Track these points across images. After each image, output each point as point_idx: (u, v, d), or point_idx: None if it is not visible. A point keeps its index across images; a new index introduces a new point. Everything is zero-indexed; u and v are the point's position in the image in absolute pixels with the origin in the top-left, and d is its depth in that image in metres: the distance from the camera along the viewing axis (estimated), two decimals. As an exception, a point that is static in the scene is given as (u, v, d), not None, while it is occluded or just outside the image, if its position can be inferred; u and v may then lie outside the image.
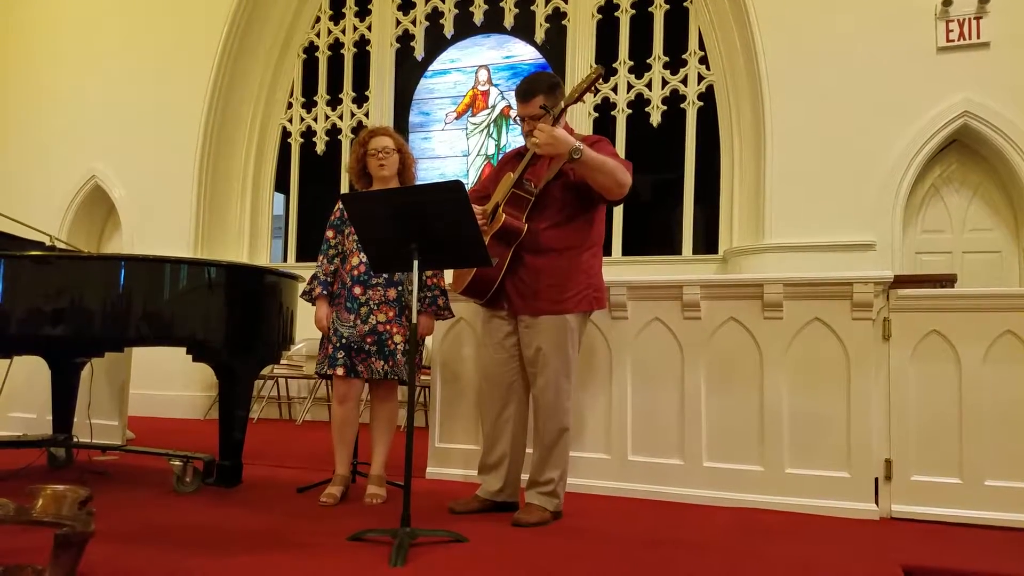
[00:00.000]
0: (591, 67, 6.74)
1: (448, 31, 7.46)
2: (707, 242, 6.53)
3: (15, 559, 2.07)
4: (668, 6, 6.69)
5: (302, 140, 7.85)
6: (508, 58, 7.36)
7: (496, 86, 7.37)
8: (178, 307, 3.43)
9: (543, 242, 3.06)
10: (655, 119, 6.65)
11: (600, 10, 6.90)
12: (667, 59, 6.67)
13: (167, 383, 6.82)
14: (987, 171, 5.63)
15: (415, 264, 2.70)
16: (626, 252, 6.72)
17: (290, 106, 7.87)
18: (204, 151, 7.43)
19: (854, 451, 3.33)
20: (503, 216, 3.03)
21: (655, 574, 2.36)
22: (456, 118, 7.48)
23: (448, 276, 3.45)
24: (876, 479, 3.34)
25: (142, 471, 4.04)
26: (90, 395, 4.28)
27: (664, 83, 6.66)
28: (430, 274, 3.43)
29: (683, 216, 6.56)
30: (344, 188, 7.28)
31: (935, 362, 3.33)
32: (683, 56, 6.62)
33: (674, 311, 3.64)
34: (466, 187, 2.68)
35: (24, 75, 8.21)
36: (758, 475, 3.46)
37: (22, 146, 8.11)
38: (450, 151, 7.49)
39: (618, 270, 5.97)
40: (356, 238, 3.31)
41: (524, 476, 3.24)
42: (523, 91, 3.12)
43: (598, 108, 6.83)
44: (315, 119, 7.80)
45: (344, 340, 3.33)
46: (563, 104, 3.07)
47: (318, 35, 7.81)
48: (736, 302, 3.55)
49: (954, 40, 5.48)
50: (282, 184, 7.94)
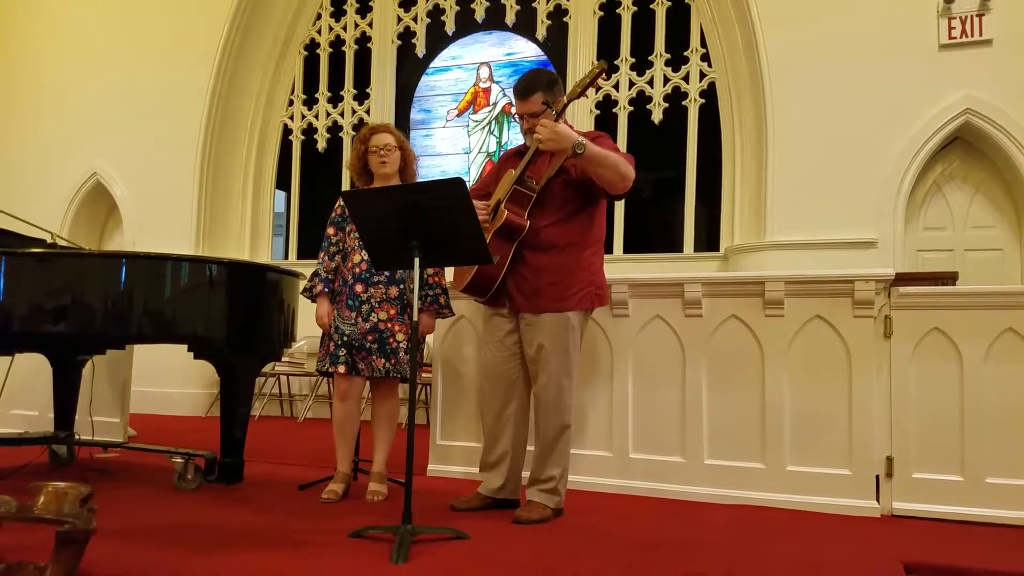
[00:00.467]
0: (593, 63, 6.74)
1: (449, 28, 7.45)
2: (708, 240, 6.52)
3: (17, 556, 2.07)
4: (670, 3, 6.68)
5: (303, 137, 7.84)
6: (509, 55, 7.35)
7: (497, 83, 7.37)
8: (179, 304, 3.44)
9: (545, 239, 3.06)
10: (657, 116, 6.64)
11: (602, 7, 6.88)
12: (669, 56, 6.66)
13: (168, 380, 6.82)
14: (989, 168, 5.62)
15: (416, 262, 2.70)
16: (627, 249, 6.72)
17: (291, 103, 7.87)
18: (205, 148, 7.43)
19: (855, 448, 3.33)
20: (505, 213, 3.03)
21: (656, 572, 2.36)
22: (457, 115, 7.48)
23: (448, 274, 3.45)
24: (877, 476, 3.34)
25: (143, 468, 4.04)
26: (91, 392, 4.29)
27: (666, 80, 6.65)
28: (431, 272, 3.43)
29: (684, 213, 6.55)
30: (345, 185, 7.27)
31: (936, 360, 3.33)
32: (685, 53, 6.61)
33: (675, 309, 3.64)
34: (467, 185, 2.68)
35: (25, 73, 8.22)
36: (759, 472, 3.46)
37: (24, 144, 8.12)
38: (451, 148, 7.48)
39: (619, 267, 5.96)
40: (357, 235, 3.31)
41: (525, 474, 3.24)
42: (521, 88, 3.12)
43: (600, 105, 6.82)
44: (316, 116, 7.79)
45: (345, 338, 3.33)
46: (566, 100, 3.07)
47: (319, 32, 7.80)
48: (737, 300, 3.55)
49: (956, 37, 5.47)
50: (283, 181, 7.93)
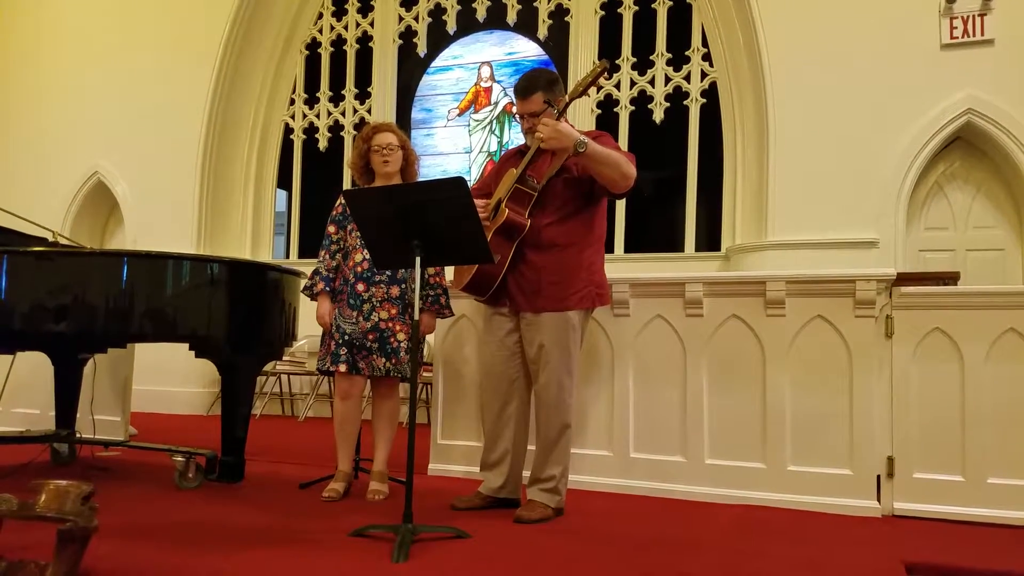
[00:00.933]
0: (595, 62, 6.74)
1: (451, 27, 7.45)
2: (710, 239, 6.52)
3: (19, 554, 2.07)
4: (671, 2, 6.68)
5: (304, 136, 7.84)
6: (511, 55, 7.35)
7: (499, 83, 7.37)
8: (180, 303, 3.44)
9: (545, 238, 3.06)
10: (658, 116, 6.64)
11: (603, 6, 6.88)
12: (670, 56, 6.66)
13: (169, 379, 6.83)
14: (991, 168, 5.62)
15: (417, 261, 2.70)
16: (628, 249, 6.72)
17: (292, 102, 7.87)
18: (207, 147, 7.43)
19: (856, 448, 3.33)
20: (506, 212, 3.03)
21: (657, 571, 2.36)
22: (459, 115, 7.48)
23: (448, 273, 3.45)
24: (878, 476, 3.34)
25: (145, 467, 4.05)
26: (93, 391, 4.29)
27: (667, 80, 6.65)
28: (432, 272, 3.43)
29: (686, 213, 6.55)
30: (346, 184, 7.27)
31: (938, 360, 3.32)
32: (686, 53, 6.61)
33: (676, 308, 3.64)
34: (468, 184, 2.68)
35: (27, 72, 8.22)
36: (760, 472, 3.46)
37: (25, 143, 8.12)
38: (452, 148, 7.48)
39: (621, 267, 5.97)
40: (359, 234, 3.31)
41: (526, 473, 3.24)
42: (522, 88, 3.12)
43: (601, 105, 6.82)
44: (317, 115, 7.79)
45: (347, 337, 3.33)
46: (567, 99, 3.06)
47: (320, 31, 7.80)
48: (739, 299, 3.55)
49: (958, 37, 5.47)
50: (284, 180, 7.94)
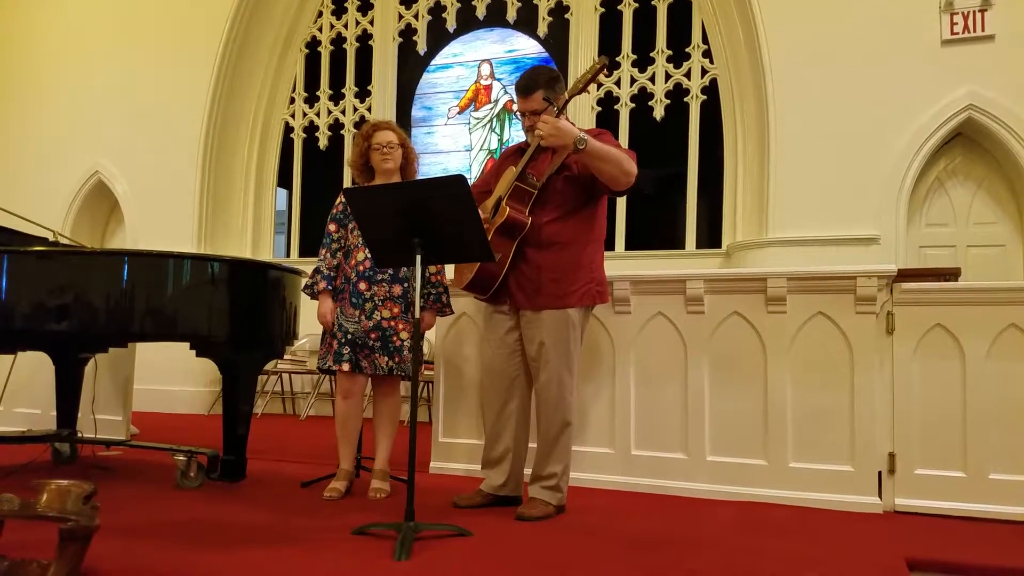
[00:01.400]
0: (594, 59, 6.72)
1: (450, 25, 7.45)
2: (710, 236, 6.52)
3: (21, 554, 2.08)
4: (671, -1, 6.68)
5: (305, 135, 7.84)
6: (511, 52, 7.34)
7: (499, 80, 7.36)
8: (181, 302, 3.43)
9: (546, 236, 3.06)
10: (658, 113, 6.63)
11: (603, 3, 6.88)
12: (670, 53, 6.65)
13: (170, 378, 6.83)
14: (991, 165, 5.61)
15: (418, 259, 2.69)
16: (629, 246, 6.72)
17: (292, 101, 7.87)
18: (207, 146, 7.43)
19: (858, 445, 3.32)
20: (507, 210, 3.02)
21: (659, 568, 2.36)
22: (459, 113, 7.47)
23: (449, 271, 3.45)
24: (880, 473, 3.34)
25: (146, 466, 4.05)
26: (94, 390, 4.30)
27: (667, 77, 6.64)
28: (433, 271, 3.43)
29: (686, 210, 6.55)
30: (347, 183, 7.27)
31: (939, 356, 3.32)
32: (686, 50, 6.61)
33: (677, 305, 3.64)
34: (468, 181, 2.67)
35: (27, 71, 8.22)
36: (762, 469, 3.46)
37: (25, 142, 8.12)
38: (453, 146, 7.48)
39: (621, 264, 5.96)
40: (359, 233, 3.30)
41: (527, 471, 3.25)
42: (523, 85, 3.11)
43: (601, 102, 6.82)
44: (317, 114, 7.79)
45: (349, 336, 3.33)
46: (567, 96, 3.06)
47: (320, 30, 7.80)
48: (740, 296, 3.55)
49: (959, 33, 5.45)
50: (285, 179, 7.94)
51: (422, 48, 7.56)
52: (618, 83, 6.77)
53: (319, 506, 3.14)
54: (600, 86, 6.68)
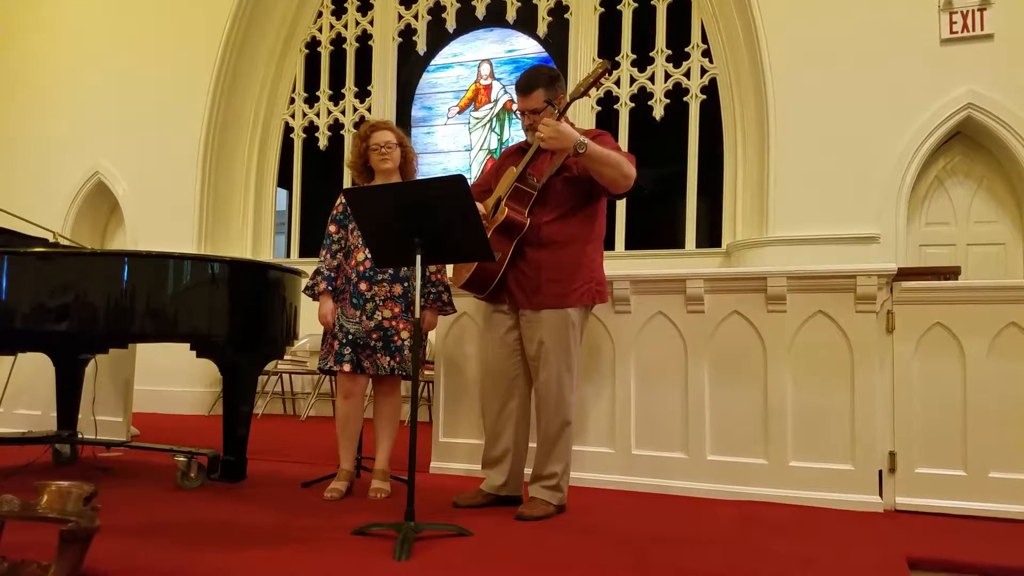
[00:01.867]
0: (596, 60, 6.74)
1: (450, 25, 7.44)
2: (710, 236, 6.52)
3: (21, 555, 2.08)
4: (670, -1, 6.68)
5: (305, 135, 7.84)
6: (510, 52, 7.34)
7: (498, 80, 7.36)
8: (182, 303, 3.44)
9: (545, 235, 3.06)
10: (658, 112, 6.63)
11: (602, 3, 6.87)
12: (670, 52, 6.65)
13: (171, 379, 6.83)
14: (991, 163, 5.61)
15: (418, 259, 2.69)
16: (629, 246, 6.72)
17: (292, 101, 7.86)
18: (207, 147, 7.43)
19: (858, 444, 3.32)
20: (506, 210, 3.03)
21: (659, 568, 2.36)
22: (459, 112, 7.47)
23: (449, 271, 3.45)
24: (880, 472, 3.33)
25: (146, 467, 4.05)
26: (94, 391, 4.30)
27: (667, 76, 6.64)
28: (434, 269, 3.43)
29: (686, 210, 6.55)
30: (347, 183, 7.27)
31: (939, 355, 3.32)
32: (686, 49, 6.60)
33: (678, 305, 3.64)
34: (468, 181, 2.68)
35: (27, 72, 8.22)
36: (762, 468, 3.46)
37: (26, 143, 8.12)
38: (452, 146, 7.48)
39: (621, 264, 5.96)
40: (359, 233, 3.31)
41: (528, 470, 3.25)
42: (523, 85, 3.11)
43: (601, 102, 6.82)
44: (317, 114, 7.79)
45: (350, 336, 3.33)
46: (568, 99, 3.06)
47: (320, 30, 7.80)
48: (740, 295, 3.55)
49: (958, 32, 5.45)
50: (285, 180, 7.93)
51: (422, 48, 7.56)
52: (618, 83, 6.77)
53: (319, 506, 3.14)
54: (600, 86, 6.67)
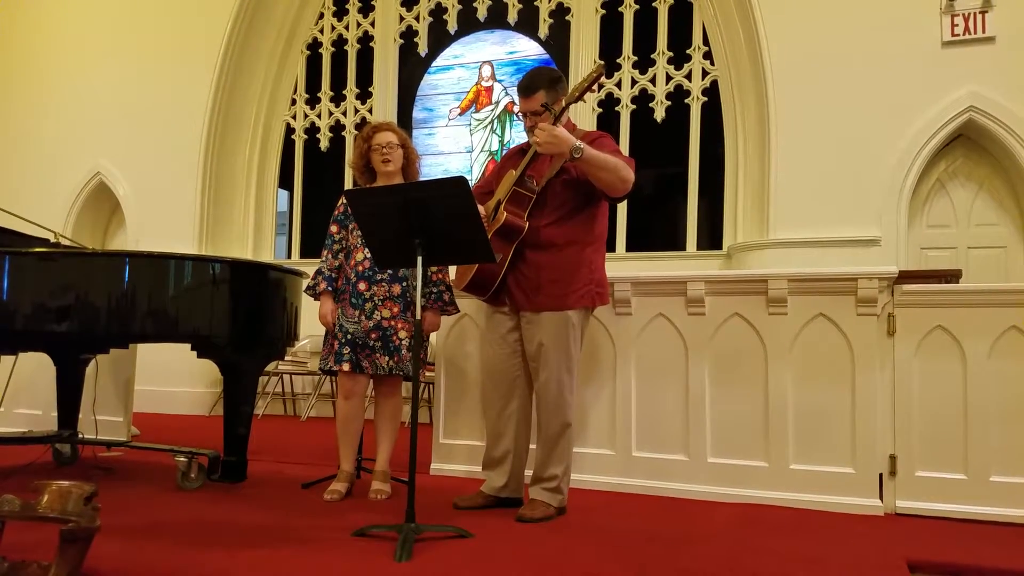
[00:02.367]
0: (594, 62, 6.75)
1: (451, 27, 7.45)
2: (711, 238, 6.52)
3: (21, 555, 2.08)
4: (672, 1, 6.67)
5: (306, 136, 7.85)
6: (512, 54, 7.35)
7: (500, 82, 7.36)
8: (182, 303, 3.44)
9: (544, 238, 3.06)
10: (659, 114, 6.64)
11: (604, 5, 6.88)
12: (671, 54, 6.66)
13: (172, 379, 6.83)
14: (993, 166, 5.61)
15: (419, 260, 2.70)
16: (630, 248, 6.72)
17: (294, 102, 7.87)
18: (208, 148, 7.44)
19: (859, 447, 3.32)
20: (504, 214, 3.03)
21: (659, 570, 2.36)
22: (460, 114, 7.48)
23: (452, 272, 3.45)
24: (880, 475, 3.33)
25: (147, 467, 4.05)
26: (95, 391, 4.30)
27: (668, 78, 6.64)
28: (435, 269, 3.42)
29: (687, 212, 6.55)
30: (348, 184, 7.27)
31: (940, 357, 3.32)
32: (687, 51, 6.61)
33: (678, 307, 3.64)
34: (470, 183, 2.68)
35: (28, 72, 8.23)
36: (762, 471, 3.46)
37: (27, 144, 8.13)
38: (454, 147, 7.48)
39: (622, 266, 5.97)
40: (360, 233, 3.31)
41: (528, 472, 3.24)
42: (525, 86, 3.12)
43: (602, 103, 6.82)
44: (319, 115, 7.80)
45: (349, 336, 3.33)
46: (564, 103, 3.06)
47: (321, 31, 7.80)
48: (740, 298, 3.55)
49: (959, 34, 5.46)
50: (286, 180, 7.94)
51: (423, 50, 7.57)
52: (619, 84, 6.78)
53: (320, 507, 3.14)
54: (601, 87, 6.68)
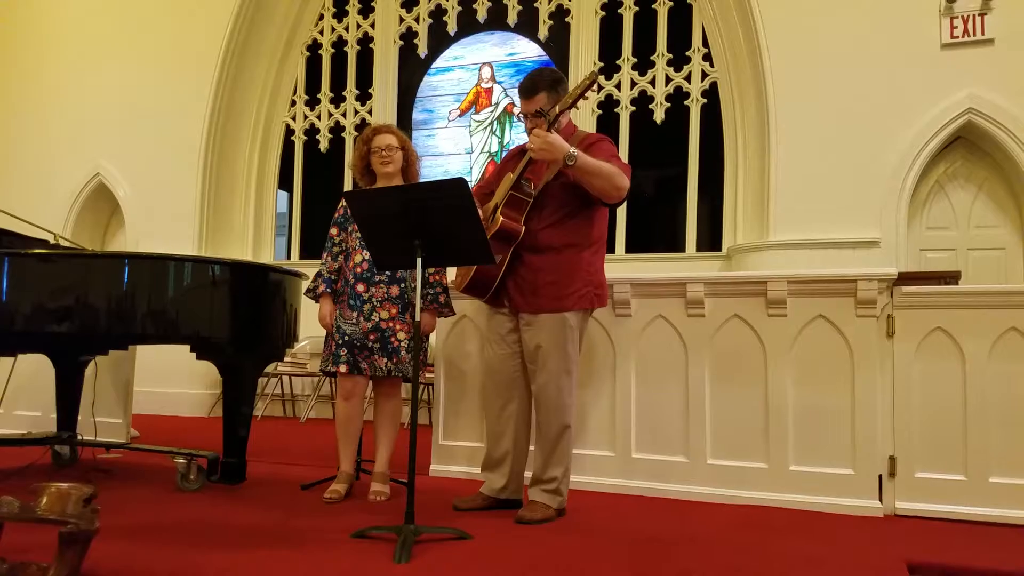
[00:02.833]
0: (593, 63, 6.75)
1: (451, 28, 7.45)
2: (711, 239, 6.52)
3: (20, 557, 2.08)
4: (671, 3, 6.67)
5: (306, 138, 7.85)
6: (511, 55, 7.35)
7: (499, 83, 7.37)
8: (182, 305, 3.44)
9: (542, 240, 3.06)
10: (659, 116, 6.64)
11: (603, 7, 6.88)
12: (671, 56, 6.66)
13: (171, 381, 6.83)
14: (992, 168, 5.61)
15: (418, 262, 2.70)
16: (630, 249, 6.72)
17: (294, 104, 7.87)
18: (208, 149, 7.44)
19: (858, 448, 3.32)
20: (500, 219, 3.03)
21: (659, 571, 2.36)
22: (459, 115, 7.48)
23: (451, 274, 3.45)
24: (880, 476, 3.33)
25: (146, 469, 4.05)
26: (94, 393, 4.29)
27: (668, 80, 6.64)
28: (432, 271, 3.43)
29: (687, 213, 6.55)
30: (348, 185, 7.27)
31: (939, 359, 3.32)
32: (687, 53, 6.61)
33: (678, 308, 3.64)
34: (469, 184, 2.68)
35: (28, 73, 8.22)
36: (762, 472, 3.46)
37: (27, 144, 8.13)
38: (454, 148, 7.48)
39: (622, 267, 5.97)
40: (359, 235, 3.31)
41: (528, 473, 3.24)
42: (526, 87, 3.12)
43: (601, 105, 6.82)
44: (319, 117, 7.80)
45: (347, 337, 3.33)
46: (559, 109, 3.04)
47: (321, 32, 7.80)
48: (740, 299, 3.55)
49: (958, 36, 5.46)
50: (286, 182, 7.94)
51: (423, 51, 7.57)
52: (618, 86, 6.78)
53: (319, 508, 3.14)
54: (600, 89, 6.69)
